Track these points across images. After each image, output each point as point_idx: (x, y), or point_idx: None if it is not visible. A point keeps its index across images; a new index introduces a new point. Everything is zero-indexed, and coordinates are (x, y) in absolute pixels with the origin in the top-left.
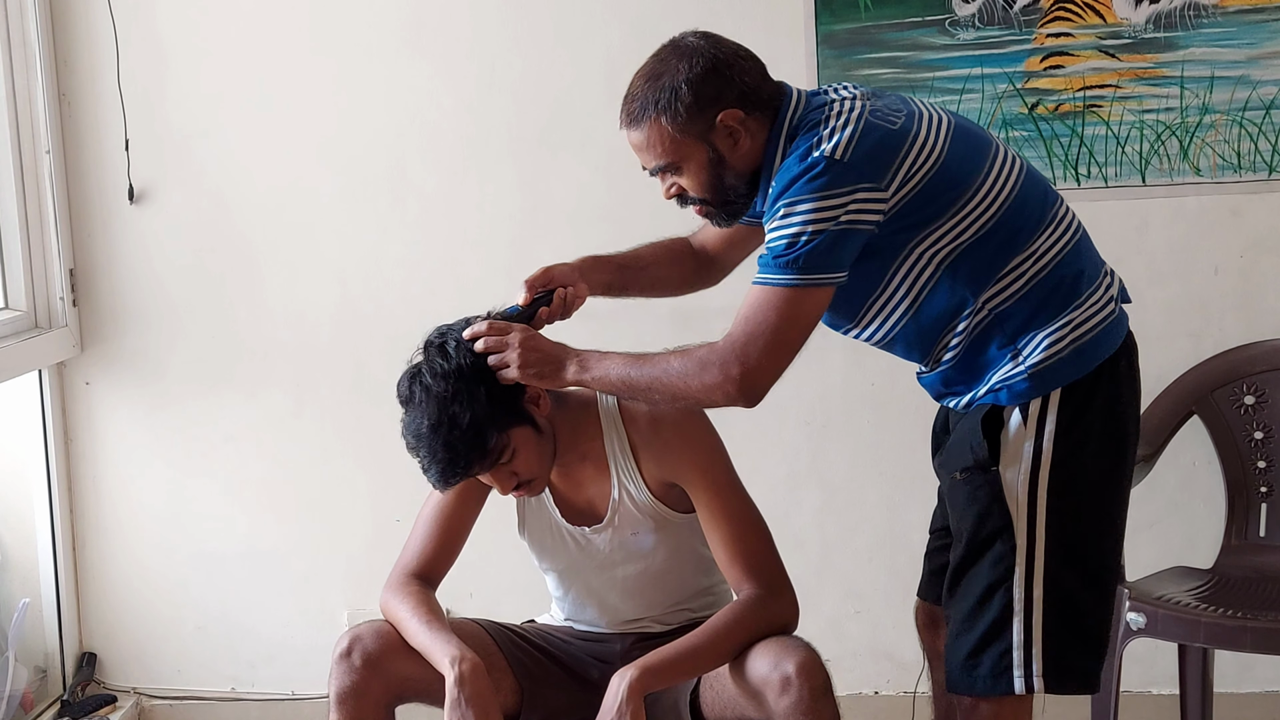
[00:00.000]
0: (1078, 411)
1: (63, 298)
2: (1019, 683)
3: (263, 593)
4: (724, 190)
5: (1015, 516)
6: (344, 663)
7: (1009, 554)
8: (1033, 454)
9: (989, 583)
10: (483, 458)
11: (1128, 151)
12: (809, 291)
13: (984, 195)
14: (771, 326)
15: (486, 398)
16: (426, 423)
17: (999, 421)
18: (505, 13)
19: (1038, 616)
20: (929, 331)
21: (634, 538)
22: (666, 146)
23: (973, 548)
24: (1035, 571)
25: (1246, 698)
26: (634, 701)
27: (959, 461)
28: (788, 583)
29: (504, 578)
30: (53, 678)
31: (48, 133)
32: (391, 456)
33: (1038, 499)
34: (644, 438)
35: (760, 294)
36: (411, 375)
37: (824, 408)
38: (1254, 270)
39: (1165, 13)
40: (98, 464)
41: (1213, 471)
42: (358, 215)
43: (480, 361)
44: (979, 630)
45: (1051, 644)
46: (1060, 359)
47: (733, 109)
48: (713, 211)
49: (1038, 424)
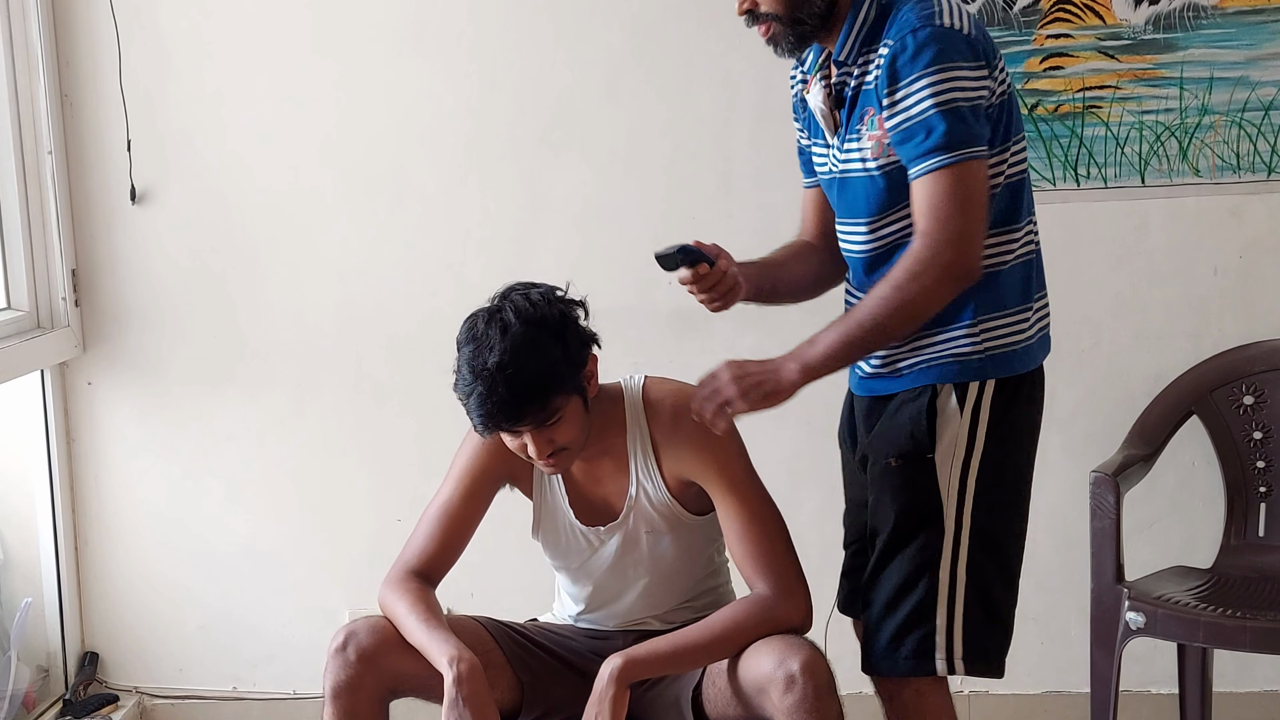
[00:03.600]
0: (1006, 406)
1: (65, 298)
2: (940, 664)
3: (264, 592)
4: (801, 5)
5: (946, 503)
6: (339, 657)
7: (937, 539)
8: (966, 442)
9: (915, 566)
10: (539, 411)
11: (1127, 152)
12: (969, 165)
13: (1019, 149)
14: (958, 203)
15: (561, 354)
16: (495, 359)
17: (934, 410)
18: (506, 13)
19: (959, 601)
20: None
21: (647, 536)
22: None
23: (903, 532)
24: (960, 558)
25: (1246, 697)
26: (615, 687)
27: (894, 448)
28: (800, 584)
29: (505, 578)
30: (55, 677)
31: (50, 133)
32: (393, 456)
33: (967, 486)
34: (665, 434)
35: (928, 183)
36: (490, 314)
37: (824, 408)
38: (1253, 271)
39: (1164, 14)
40: (100, 464)
41: (1212, 471)
42: (359, 215)
43: (563, 317)
44: (903, 613)
45: (971, 628)
46: (1012, 349)
47: None
48: (779, 31)
49: (973, 413)
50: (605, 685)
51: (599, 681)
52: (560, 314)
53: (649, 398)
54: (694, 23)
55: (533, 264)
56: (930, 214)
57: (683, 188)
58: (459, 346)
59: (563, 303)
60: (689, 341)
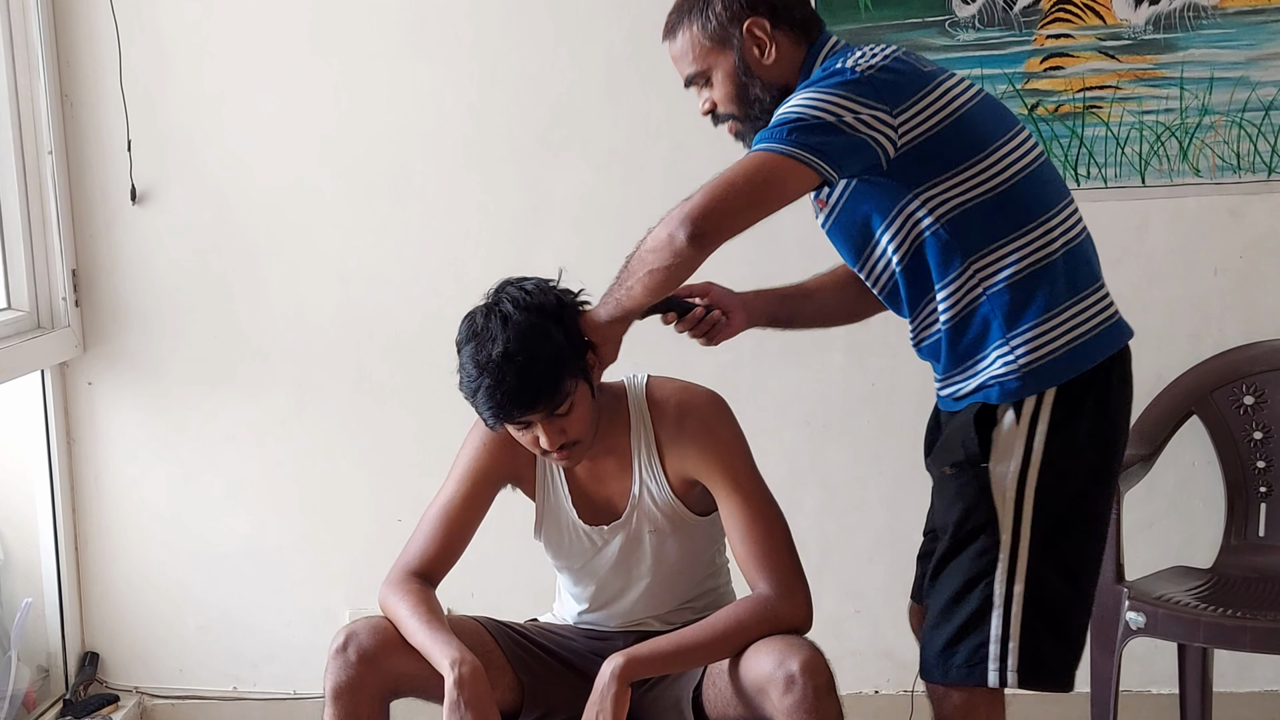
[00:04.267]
0: (1070, 413)
1: (65, 298)
2: (993, 675)
3: (265, 592)
4: (751, 102)
5: (1001, 512)
6: (339, 658)
7: (992, 549)
8: (1023, 452)
9: (969, 576)
10: (551, 396)
11: (1127, 152)
12: (793, 166)
13: (999, 160)
14: (743, 184)
15: (564, 337)
16: (500, 349)
17: (992, 419)
18: (506, 13)
19: (1016, 612)
20: (920, 283)
21: (650, 536)
22: (697, 54)
23: (956, 541)
24: (1018, 568)
25: (1245, 697)
26: (616, 686)
27: (949, 456)
28: (801, 585)
29: (506, 578)
30: (55, 677)
31: (50, 133)
32: (393, 456)
33: (1025, 496)
34: (670, 433)
35: (747, 157)
36: (487, 309)
37: (824, 408)
38: (1253, 271)
39: (1165, 14)
40: (100, 464)
41: (1212, 471)
42: (359, 215)
43: (560, 301)
44: (957, 621)
45: (1029, 640)
46: (1053, 358)
47: (759, 18)
48: (741, 129)
49: (1030, 422)
50: (606, 684)
51: (600, 680)
52: (557, 300)
53: (653, 397)
54: None
55: (533, 264)
56: (720, 176)
57: (683, 188)
58: (460, 347)
59: (557, 291)
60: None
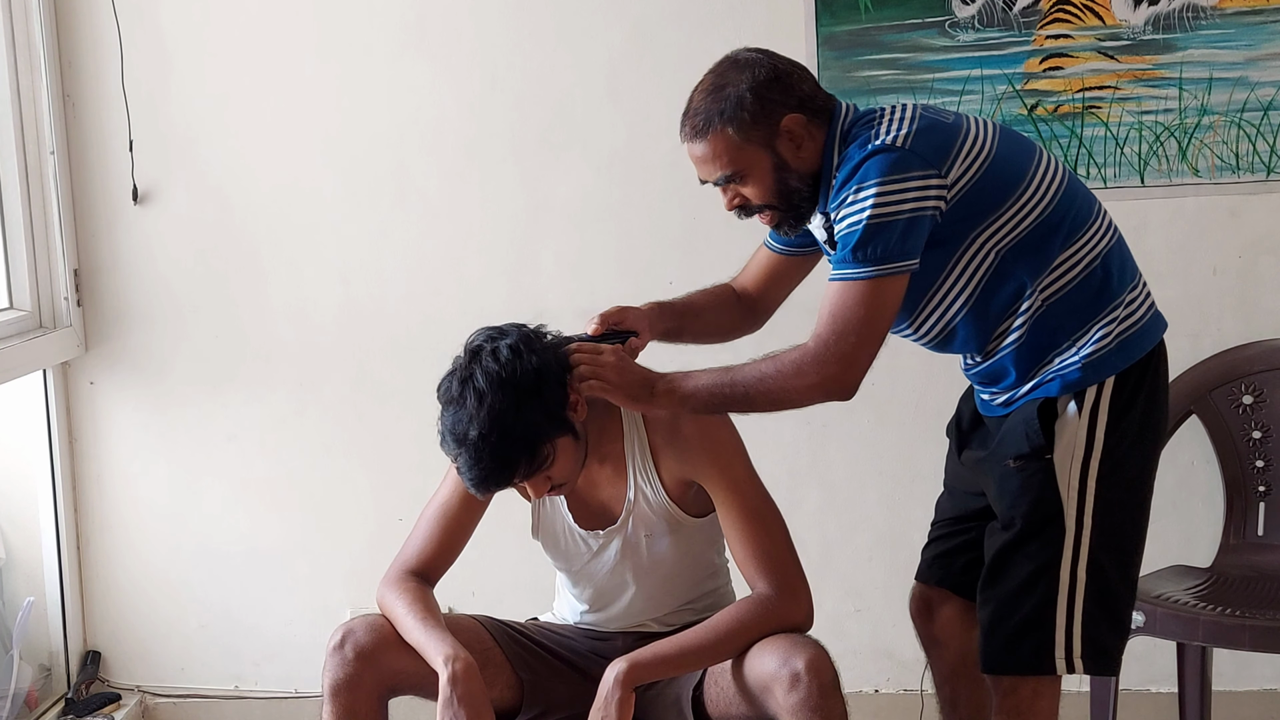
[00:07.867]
0: (1129, 400)
1: (67, 298)
2: (1060, 663)
3: (266, 591)
4: (789, 194)
5: (1066, 502)
6: (337, 655)
7: (1059, 539)
8: (1086, 441)
9: (1036, 566)
10: (529, 464)
11: (1126, 152)
12: (888, 280)
13: (1034, 190)
14: (859, 320)
15: (540, 408)
16: (476, 430)
17: (1053, 411)
18: (507, 14)
19: (1080, 599)
20: (991, 319)
21: (646, 540)
22: (732, 156)
23: (1024, 532)
24: (1080, 556)
25: (1245, 696)
26: (621, 692)
27: (1013, 449)
28: (801, 584)
29: (506, 577)
30: (57, 676)
31: (52, 133)
32: (394, 455)
33: (1088, 486)
34: (663, 437)
35: (841, 290)
36: (463, 378)
37: (824, 407)
38: (1252, 271)
39: (1164, 14)
40: (102, 463)
41: (1211, 471)
42: (360, 215)
43: (537, 371)
44: (1023, 611)
45: (1089, 627)
46: (1110, 349)
47: (795, 114)
48: (780, 217)
49: (1092, 411)
50: (610, 689)
51: (604, 685)
52: (534, 367)
53: None
54: (694, 23)
55: (533, 264)
56: (832, 321)
57: (683, 188)
58: (440, 404)
59: (533, 350)
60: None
